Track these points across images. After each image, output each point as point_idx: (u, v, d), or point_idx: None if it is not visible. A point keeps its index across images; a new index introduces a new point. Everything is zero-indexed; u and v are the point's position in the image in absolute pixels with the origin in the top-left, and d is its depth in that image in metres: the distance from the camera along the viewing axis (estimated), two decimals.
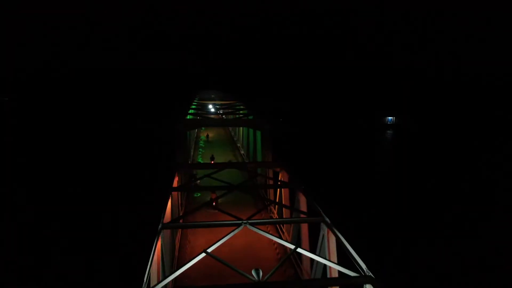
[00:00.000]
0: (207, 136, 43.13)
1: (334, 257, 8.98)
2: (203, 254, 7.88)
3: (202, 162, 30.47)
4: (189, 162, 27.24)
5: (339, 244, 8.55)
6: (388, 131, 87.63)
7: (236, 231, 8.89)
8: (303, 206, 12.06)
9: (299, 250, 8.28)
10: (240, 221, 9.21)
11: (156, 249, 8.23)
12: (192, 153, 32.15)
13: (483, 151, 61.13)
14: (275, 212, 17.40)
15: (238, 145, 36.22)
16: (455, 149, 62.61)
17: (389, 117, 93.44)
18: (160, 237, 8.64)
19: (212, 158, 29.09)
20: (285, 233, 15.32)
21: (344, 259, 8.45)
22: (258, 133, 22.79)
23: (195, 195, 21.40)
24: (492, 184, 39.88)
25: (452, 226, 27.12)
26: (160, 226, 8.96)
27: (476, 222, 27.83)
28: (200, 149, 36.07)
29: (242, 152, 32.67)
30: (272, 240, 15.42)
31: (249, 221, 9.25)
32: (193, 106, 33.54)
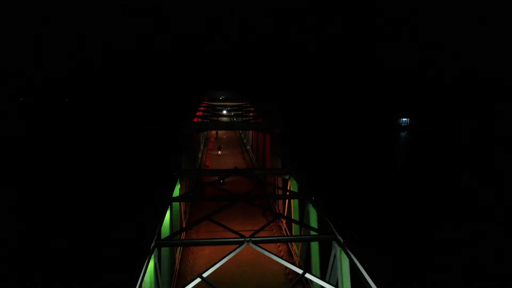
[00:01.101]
0: (217, 133, 42.44)
1: (347, 281, 8.00)
2: (199, 279, 7.02)
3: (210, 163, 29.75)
4: (197, 166, 26.41)
5: (352, 267, 7.59)
6: (403, 133, 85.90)
7: (237, 250, 8.13)
8: (313, 220, 11.07)
9: (307, 275, 7.34)
10: (242, 239, 8.35)
11: (148, 269, 7.41)
12: (200, 156, 31.32)
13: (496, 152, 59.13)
14: (284, 223, 16.40)
15: (248, 147, 35.30)
16: (468, 151, 60.65)
17: (403, 119, 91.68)
18: (152, 256, 7.83)
19: (220, 149, 33.52)
20: (294, 246, 14.36)
21: (358, 284, 7.48)
22: (267, 137, 21.85)
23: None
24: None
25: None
26: (153, 244, 8.12)
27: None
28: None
29: (252, 155, 31.73)
30: (280, 253, 14.51)
31: (252, 239, 8.36)
32: (201, 108, 32.74)
